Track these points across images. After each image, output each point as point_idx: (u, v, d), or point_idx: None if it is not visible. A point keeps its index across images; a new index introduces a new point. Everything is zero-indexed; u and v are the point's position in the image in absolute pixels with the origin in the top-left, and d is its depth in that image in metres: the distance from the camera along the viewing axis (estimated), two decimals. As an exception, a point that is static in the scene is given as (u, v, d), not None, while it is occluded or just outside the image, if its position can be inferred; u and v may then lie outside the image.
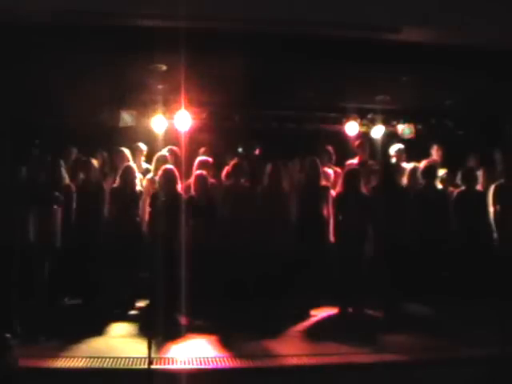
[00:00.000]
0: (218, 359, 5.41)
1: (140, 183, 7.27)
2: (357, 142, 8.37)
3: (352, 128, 8.58)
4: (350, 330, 6.32)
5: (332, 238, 7.02)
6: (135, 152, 7.90)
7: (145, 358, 5.20)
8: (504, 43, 6.37)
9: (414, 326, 6.45)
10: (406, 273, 6.88)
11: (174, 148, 7.81)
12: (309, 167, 7.24)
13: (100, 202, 7.08)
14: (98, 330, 6.20)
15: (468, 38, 6.43)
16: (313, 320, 6.80)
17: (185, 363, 5.33)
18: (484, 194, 7.32)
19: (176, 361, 5.37)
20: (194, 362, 5.35)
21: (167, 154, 7.58)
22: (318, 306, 7.05)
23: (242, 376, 5.25)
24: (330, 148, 8.24)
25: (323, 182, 7.28)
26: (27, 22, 5.83)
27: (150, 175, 7.49)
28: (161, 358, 5.37)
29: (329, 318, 6.88)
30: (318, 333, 6.33)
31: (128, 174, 7.05)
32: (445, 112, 8.87)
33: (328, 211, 7.10)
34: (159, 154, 7.53)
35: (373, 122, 8.80)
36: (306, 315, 6.85)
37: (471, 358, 5.52)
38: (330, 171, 7.80)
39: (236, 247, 6.79)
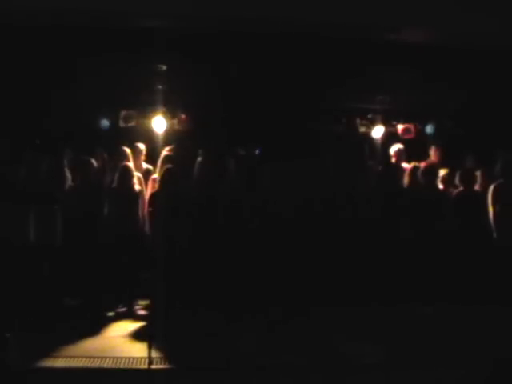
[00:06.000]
0: (217, 358, 5.42)
1: (139, 182, 7.27)
2: None
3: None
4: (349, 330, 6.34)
5: None
6: (135, 152, 7.89)
7: (145, 357, 5.21)
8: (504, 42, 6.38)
9: (414, 325, 6.46)
10: (407, 272, 6.90)
11: (173, 147, 7.81)
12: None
13: (99, 201, 7.07)
14: (99, 330, 6.21)
15: (467, 37, 6.43)
16: (312, 318, 6.80)
17: (185, 363, 5.34)
18: (482, 194, 7.32)
19: (176, 361, 5.38)
20: (195, 362, 5.36)
21: (171, 153, 7.57)
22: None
23: (242, 375, 5.25)
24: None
25: None
26: (26, 22, 5.84)
27: (155, 175, 7.48)
28: (161, 358, 5.38)
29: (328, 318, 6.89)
30: (318, 331, 6.33)
31: (124, 174, 7.05)
32: (445, 111, 8.88)
33: None
34: (164, 154, 7.52)
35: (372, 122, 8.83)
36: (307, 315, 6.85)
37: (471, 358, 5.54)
38: None
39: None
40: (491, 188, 7.17)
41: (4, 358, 4.98)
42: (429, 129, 8.84)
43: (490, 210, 7.13)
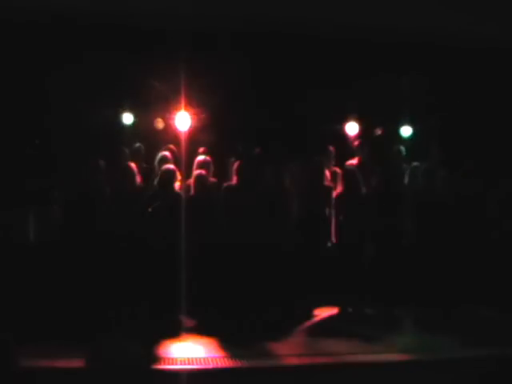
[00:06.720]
0: (218, 359, 5.42)
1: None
2: (356, 142, 8.34)
3: (352, 128, 8.60)
4: (350, 330, 6.33)
5: (334, 239, 7.02)
6: (135, 152, 7.89)
7: (145, 358, 5.21)
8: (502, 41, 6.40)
9: (413, 326, 6.46)
10: (406, 273, 6.89)
11: (172, 146, 7.81)
12: (312, 167, 7.20)
13: (102, 201, 7.04)
14: (100, 329, 6.20)
15: (467, 37, 6.45)
16: (314, 320, 6.80)
17: (185, 363, 5.34)
18: (482, 194, 7.32)
19: (176, 361, 5.38)
20: (194, 362, 5.36)
21: (167, 153, 7.56)
22: (319, 305, 7.05)
23: (243, 376, 5.25)
24: (331, 148, 8.21)
25: (326, 183, 7.25)
26: (26, 21, 5.85)
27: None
28: (161, 358, 5.37)
29: (329, 318, 6.88)
30: (319, 332, 6.33)
31: (126, 174, 7.02)
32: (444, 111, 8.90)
33: (330, 211, 7.09)
34: (161, 154, 7.50)
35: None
36: (308, 315, 6.84)
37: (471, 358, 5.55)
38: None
39: (235, 247, 6.78)
40: (490, 188, 7.18)
41: (4, 357, 4.98)
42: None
43: (490, 209, 7.14)
